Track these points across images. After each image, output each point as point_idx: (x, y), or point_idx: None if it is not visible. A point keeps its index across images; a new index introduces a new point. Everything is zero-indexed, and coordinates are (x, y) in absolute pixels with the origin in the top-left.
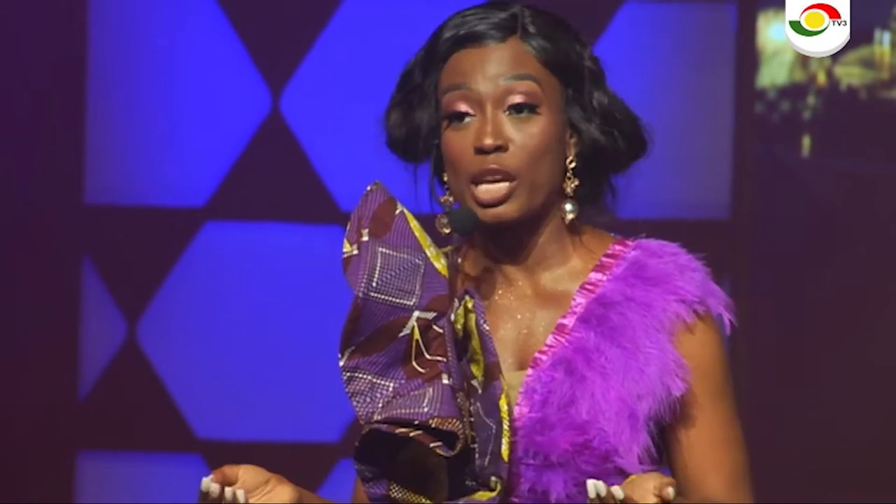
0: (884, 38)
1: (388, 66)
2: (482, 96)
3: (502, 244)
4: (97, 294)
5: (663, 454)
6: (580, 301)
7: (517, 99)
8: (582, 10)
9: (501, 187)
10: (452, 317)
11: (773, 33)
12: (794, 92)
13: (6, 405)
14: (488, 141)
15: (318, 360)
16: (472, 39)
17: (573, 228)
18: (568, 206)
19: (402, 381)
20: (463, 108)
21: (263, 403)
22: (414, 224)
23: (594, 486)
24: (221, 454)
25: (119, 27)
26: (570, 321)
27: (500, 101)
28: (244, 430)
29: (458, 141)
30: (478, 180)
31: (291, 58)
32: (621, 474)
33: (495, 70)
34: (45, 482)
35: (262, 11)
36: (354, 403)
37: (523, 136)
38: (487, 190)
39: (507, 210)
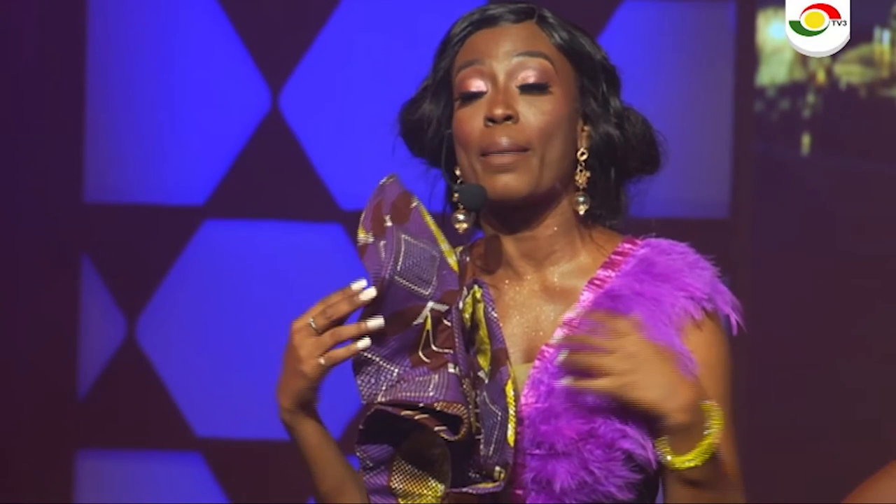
0: (883, 37)
1: (386, 64)
2: (495, 70)
3: (510, 225)
4: (96, 292)
5: None
6: (588, 296)
7: (530, 76)
8: (581, 9)
9: (511, 156)
10: (461, 305)
11: (772, 31)
12: (793, 90)
13: (5, 404)
14: (499, 111)
15: None
16: (489, 22)
17: (583, 225)
18: (580, 198)
19: (408, 369)
20: (476, 83)
21: (262, 402)
22: (428, 219)
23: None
24: (221, 453)
25: (119, 26)
26: (577, 315)
27: (512, 75)
28: (243, 428)
29: (470, 115)
30: (487, 152)
31: (291, 56)
32: (627, 462)
33: (510, 47)
34: (45, 481)
35: (262, 10)
36: (359, 383)
37: (534, 111)
38: (497, 157)
39: (515, 180)
